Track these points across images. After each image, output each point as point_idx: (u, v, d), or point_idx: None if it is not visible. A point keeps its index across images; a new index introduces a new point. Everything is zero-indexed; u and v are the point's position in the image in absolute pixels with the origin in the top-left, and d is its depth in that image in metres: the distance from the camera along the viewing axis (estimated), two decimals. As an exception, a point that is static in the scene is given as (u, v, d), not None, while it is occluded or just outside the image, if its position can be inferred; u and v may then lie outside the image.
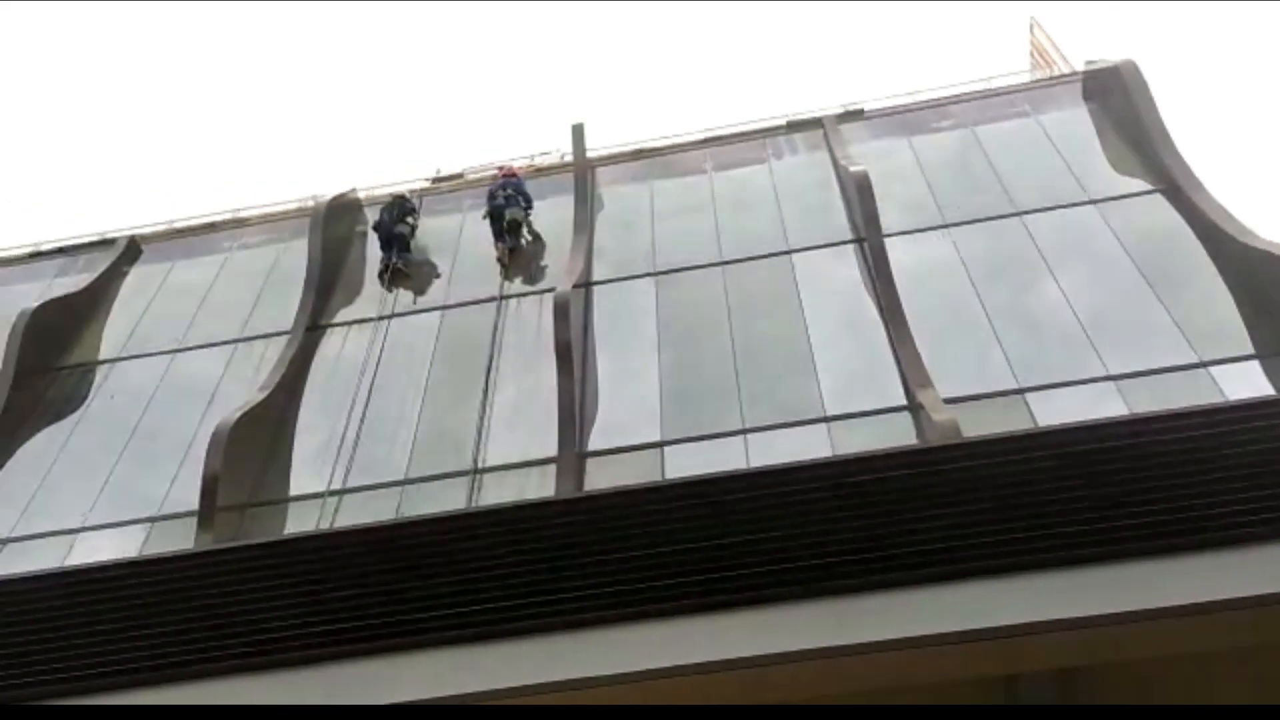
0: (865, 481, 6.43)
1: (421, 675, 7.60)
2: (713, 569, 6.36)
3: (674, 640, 5.85)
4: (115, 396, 13.16)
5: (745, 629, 5.70)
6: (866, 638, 5.48)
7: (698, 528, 7.06)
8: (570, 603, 7.31)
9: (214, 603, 8.60)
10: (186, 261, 15.47)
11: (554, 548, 7.96)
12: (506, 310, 13.13)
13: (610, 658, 6.89)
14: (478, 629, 7.46)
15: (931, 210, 12.93)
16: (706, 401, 11.11)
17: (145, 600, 8.65)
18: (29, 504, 11.61)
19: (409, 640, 7.74)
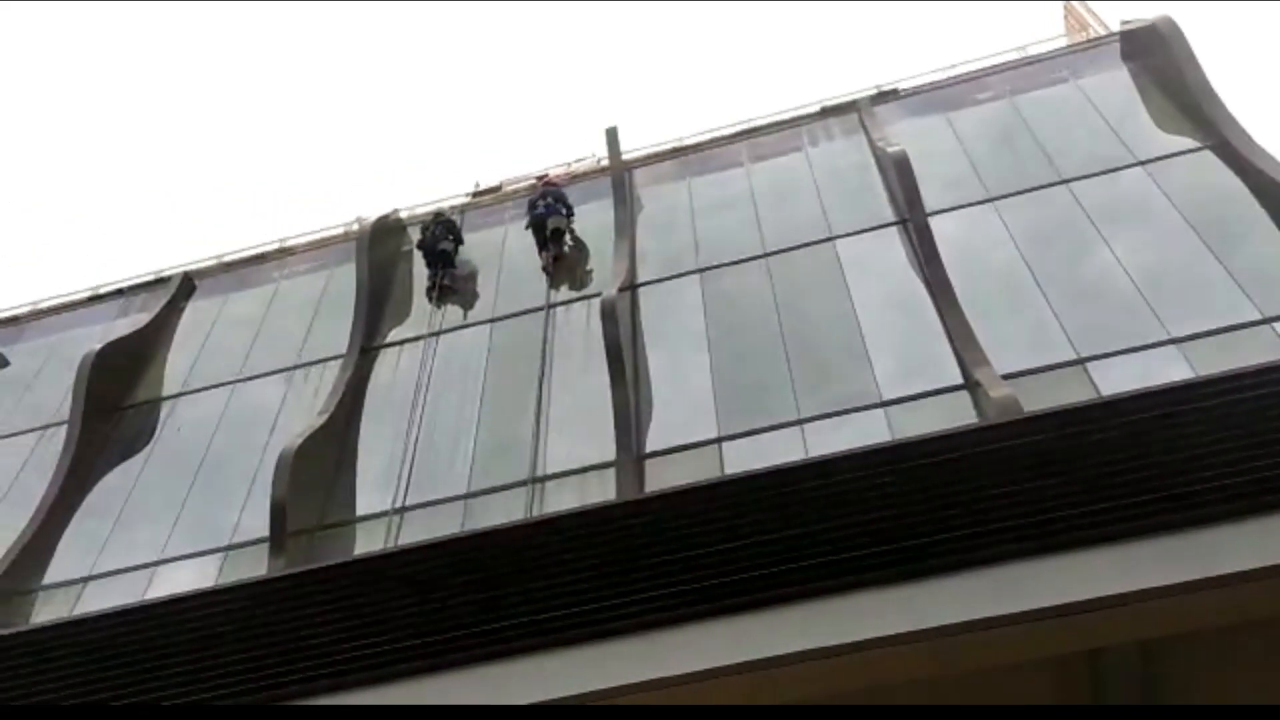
0: (927, 464, 6.37)
1: (497, 686, 7.67)
2: (779, 562, 6.34)
3: (745, 635, 5.84)
4: (181, 430, 13.46)
5: (817, 620, 5.67)
6: (945, 620, 5.42)
7: (762, 522, 7.04)
8: (639, 605, 7.33)
9: (290, 626, 8.76)
10: (239, 294, 15.77)
11: (619, 551, 8.00)
12: (555, 318, 13.21)
13: (683, 657, 6.91)
14: (548, 637, 7.51)
15: (974, 185, 12.78)
16: (760, 394, 11.09)
17: (225, 628, 8.84)
18: (106, 541, 11.92)
19: (481, 653, 7.82)
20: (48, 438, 13.87)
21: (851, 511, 6.20)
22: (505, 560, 8.56)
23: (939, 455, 6.37)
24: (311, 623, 8.67)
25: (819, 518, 6.32)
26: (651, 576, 7.51)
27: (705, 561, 7.11)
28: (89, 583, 11.44)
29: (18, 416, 14.56)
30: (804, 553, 6.08)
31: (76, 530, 12.31)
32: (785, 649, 5.60)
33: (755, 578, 6.15)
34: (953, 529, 5.88)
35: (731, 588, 6.28)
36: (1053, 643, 5.79)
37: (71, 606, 11.09)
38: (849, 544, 5.95)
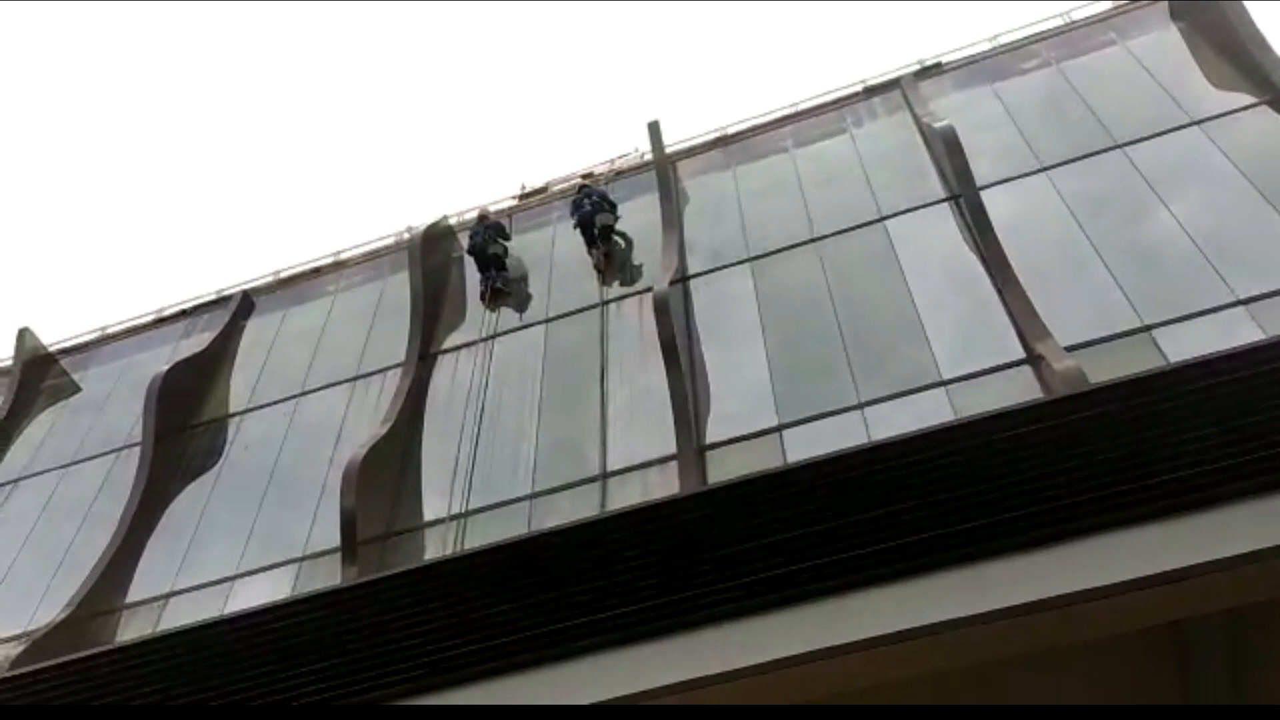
0: (993, 442, 6.29)
1: (567, 685, 7.73)
2: (847, 548, 6.31)
3: (816, 624, 5.82)
4: (249, 446, 13.73)
5: (888, 604, 5.63)
6: (1024, 598, 5.35)
7: (827, 508, 7.00)
8: (708, 597, 7.34)
9: (365, 633, 8.91)
10: (297, 308, 16.04)
11: (685, 544, 8.00)
12: (608, 315, 13.25)
13: (754, 648, 6.89)
14: (615, 634, 7.54)
15: (1026, 155, 12.56)
16: (818, 380, 11.03)
17: (302, 638, 9.01)
18: (184, 558, 12.22)
19: (551, 652, 7.88)
20: (122, 459, 14.25)
21: (917, 494, 6.14)
22: (571, 559, 8.62)
23: (1004, 433, 6.28)
24: (385, 629, 8.81)
25: (884, 502, 6.27)
26: (718, 569, 7.50)
27: (772, 551, 7.09)
28: (170, 599, 11.74)
29: (92, 440, 14.97)
30: (871, 538, 6.04)
31: (155, 548, 12.64)
32: (856, 636, 5.56)
33: (823, 565, 6.12)
34: (1021, 507, 5.80)
35: (799, 576, 6.26)
36: (1135, 616, 5.69)
37: (155, 623, 11.39)
38: (917, 527, 5.90)
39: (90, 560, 12.49)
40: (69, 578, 12.51)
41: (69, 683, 9.33)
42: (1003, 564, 5.54)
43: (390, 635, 8.76)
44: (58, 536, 13.45)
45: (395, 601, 8.95)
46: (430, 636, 8.58)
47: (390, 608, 8.91)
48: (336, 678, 8.70)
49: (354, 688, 8.44)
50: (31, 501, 14.36)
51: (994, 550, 5.59)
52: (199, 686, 8.95)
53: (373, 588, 9.25)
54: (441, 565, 9.50)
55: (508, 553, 8.92)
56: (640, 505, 9.16)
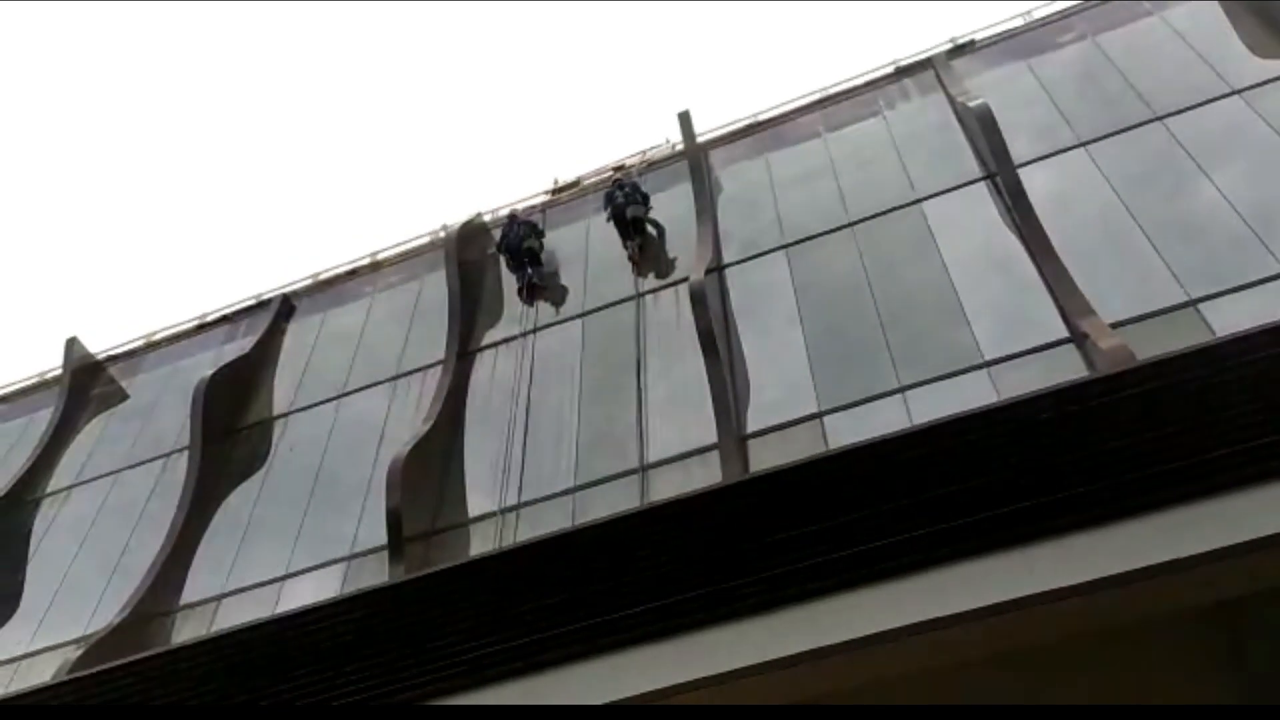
0: (1039, 422, 6.22)
1: (617, 677, 7.75)
2: (894, 533, 6.26)
3: (864, 609, 5.79)
4: (294, 448, 13.89)
5: (942, 588, 5.59)
6: (1075, 579, 5.29)
7: (871, 494, 6.96)
8: (753, 587, 7.32)
9: (413, 629, 8.99)
10: (337, 309, 16.19)
11: (727, 533, 7.99)
12: (645, 306, 13.24)
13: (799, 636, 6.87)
14: (661, 625, 7.55)
15: (1063, 131, 12.38)
16: (858, 365, 10.95)
17: (352, 635, 9.11)
18: (235, 559, 12.40)
19: (606, 641, 7.89)
20: (171, 464, 14.48)
21: (964, 477, 6.09)
22: (615, 551, 8.64)
23: (1050, 413, 6.21)
24: (433, 625, 8.88)
25: (931, 486, 6.22)
26: (762, 557, 7.48)
27: (818, 538, 7.06)
28: (223, 600, 11.92)
29: (141, 446, 15.22)
30: (917, 522, 5.99)
31: (206, 551, 12.84)
32: (910, 620, 5.53)
33: (870, 550, 6.08)
34: (1070, 488, 5.73)
35: (846, 562, 6.23)
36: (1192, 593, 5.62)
37: (209, 624, 11.58)
38: (965, 510, 5.85)
39: (144, 564, 12.72)
40: (124, 581, 12.75)
41: (127, 684, 9.51)
42: (1052, 545, 5.49)
43: (437, 632, 8.83)
44: (112, 541, 13.70)
45: (442, 598, 9.02)
46: (476, 632, 8.64)
47: (437, 604, 8.99)
48: (386, 675, 8.80)
49: (402, 684, 8.52)
50: (86, 507, 14.64)
51: (1043, 532, 5.53)
52: (252, 686, 9.09)
53: (419, 585, 9.34)
54: (487, 561, 9.58)
55: (553, 546, 8.97)
56: (683, 496, 9.16)
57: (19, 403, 17.73)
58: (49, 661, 12.07)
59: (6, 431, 17.11)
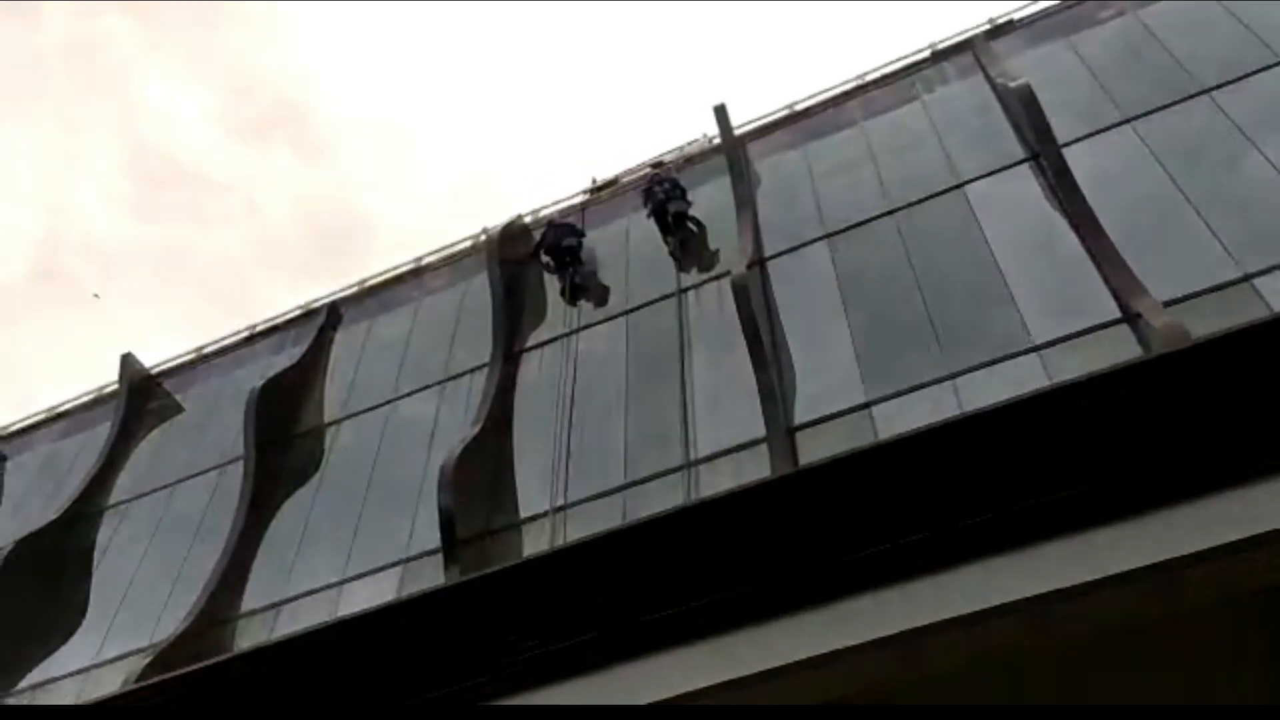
0: (1094, 405, 6.11)
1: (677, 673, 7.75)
2: (948, 522, 6.20)
3: (921, 600, 5.74)
4: (346, 454, 14.06)
5: (999, 578, 5.53)
6: (1135, 564, 5.21)
7: (925, 483, 6.89)
8: (806, 580, 7.29)
9: (468, 632, 9.06)
10: (383, 316, 16.35)
11: (778, 527, 7.96)
12: (687, 302, 13.23)
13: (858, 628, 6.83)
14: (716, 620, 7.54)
15: (1108, 109, 12.16)
16: (905, 354, 10.86)
17: (410, 638, 9.21)
18: (293, 566, 12.59)
19: (660, 639, 7.90)
20: (227, 474, 14.72)
21: (1018, 464, 6.01)
22: (667, 548, 8.64)
23: (1105, 396, 6.11)
24: (488, 626, 8.94)
25: (984, 474, 6.15)
26: (815, 550, 7.45)
27: (870, 529, 7.01)
28: (283, 606, 12.10)
29: (198, 457, 15.50)
30: (975, 511, 5.92)
31: (265, 558, 13.04)
32: (967, 609, 5.47)
33: (925, 540, 6.03)
34: (1128, 471, 5.64)
35: (902, 553, 6.18)
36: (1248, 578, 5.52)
37: (270, 630, 11.77)
38: (1020, 498, 5.78)
39: (205, 572, 12.95)
40: (186, 590, 12.99)
41: (192, 692, 9.69)
42: (1112, 530, 5.40)
43: (493, 633, 8.89)
44: (173, 551, 13.97)
45: (497, 599, 9.09)
46: (531, 633, 8.69)
47: (492, 606, 9.05)
48: (443, 678, 8.87)
49: (459, 686, 8.59)
50: (146, 519, 14.93)
51: (1102, 517, 5.45)
52: (313, 691, 9.21)
53: (473, 587, 9.42)
54: (539, 561, 9.63)
55: (605, 545, 8.99)
56: (733, 490, 9.14)
57: (78, 419, 18.12)
58: (117, 671, 12.34)
59: (67, 448, 17.50)
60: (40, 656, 13.65)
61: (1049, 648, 6.00)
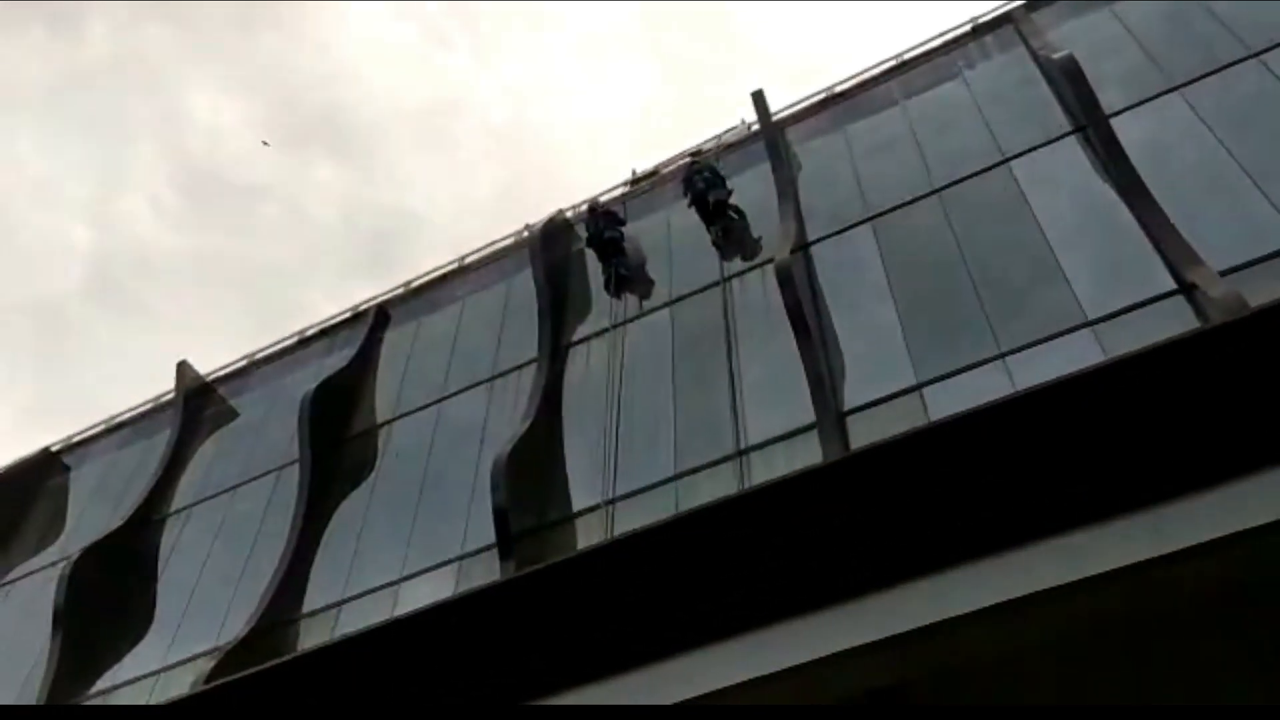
0: (1152, 379, 6.01)
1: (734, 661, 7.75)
2: (1004, 503, 6.13)
3: (992, 579, 5.68)
4: (399, 454, 14.21)
5: (1059, 557, 5.46)
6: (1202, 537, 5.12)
7: (977, 464, 6.82)
8: (864, 565, 7.24)
9: (524, 625, 9.12)
10: (430, 316, 16.49)
11: (832, 512, 7.92)
12: (732, 290, 13.19)
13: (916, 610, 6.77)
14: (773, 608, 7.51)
15: (1154, 76, 11.90)
16: (955, 334, 10.73)
17: (467, 634, 9.29)
18: (352, 566, 12.76)
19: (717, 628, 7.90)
20: (283, 477, 14.94)
21: (1078, 441, 5.93)
22: (720, 537, 8.64)
23: (1163, 368, 6.00)
24: (545, 619, 8.99)
25: (1041, 452, 6.08)
26: (872, 534, 7.40)
27: (926, 511, 6.95)
28: (343, 606, 12.27)
29: (255, 461, 15.75)
30: (1031, 490, 5.86)
31: (323, 559, 13.23)
32: (1035, 587, 5.41)
33: (986, 520, 5.97)
34: (1192, 445, 5.54)
35: (961, 535, 6.13)
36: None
37: (331, 630, 11.94)
38: (1082, 476, 5.70)
39: (266, 575, 13.16)
40: (248, 593, 13.22)
41: (259, 691, 9.86)
42: (1177, 505, 5.32)
43: (549, 626, 8.94)
44: (234, 555, 14.22)
45: (552, 593, 9.13)
46: (591, 624, 8.73)
47: (547, 599, 9.10)
48: (504, 672, 8.94)
49: (519, 680, 8.65)
50: (207, 524, 15.22)
51: (1168, 492, 5.36)
52: (375, 688, 9.34)
53: (528, 581, 9.47)
54: (593, 554, 9.66)
55: (657, 536, 9.00)
56: (784, 478, 9.10)
57: (137, 427, 18.50)
58: (185, 674, 12.59)
59: (128, 456, 17.87)
60: (112, 661, 13.98)
61: (1139, 618, 5.90)
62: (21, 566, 16.88)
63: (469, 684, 8.97)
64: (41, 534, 17.40)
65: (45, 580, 15.59)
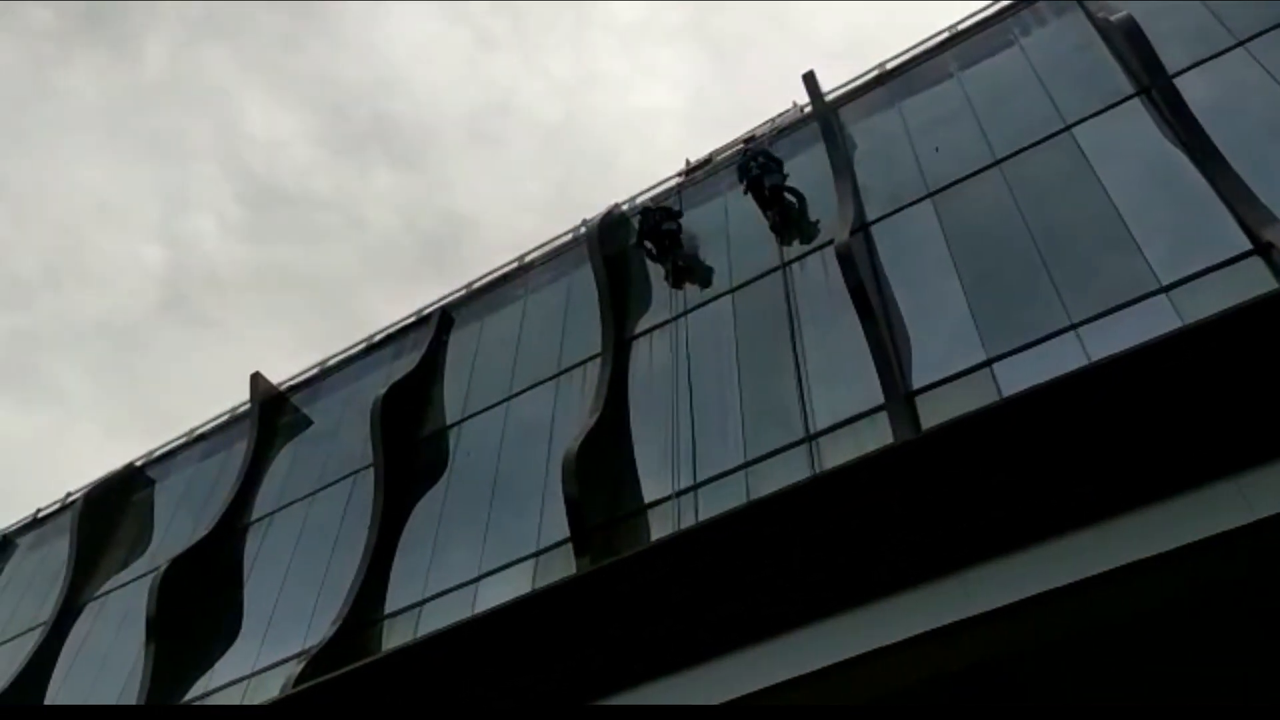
0: (1235, 342, 5.88)
1: (810, 648, 7.74)
2: (1088, 476, 6.04)
3: (1076, 554, 5.60)
4: (470, 453, 14.39)
5: (1145, 529, 5.37)
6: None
7: (1055, 438, 6.72)
8: (943, 545, 7.19)
9: (604, 618, 9.20)
10: (493, 316, 16.65)
11: (907, 493, 7.86)
12: (792, 274, 13.11)
13: (993, 591, 6.69)
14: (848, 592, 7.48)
15: (1218, 33, 11.54)
16: (1023, 307, 10.55)
17: (546, 628, 9.41)
18: (430, 566, 12.96)
19: (797, 614, 7.91)
20: (359, 481, 15.22)
21: (1160, 409, 5.82)
22: (793, 522, 8.63)
23: (1246, 331, 5.86)
24: (620, 611, 9.06)
25: (1123, 423, 5.98)
26: (948, 514, 7.33)
27: (1003, 489, 6.87)
28: (424, 606, 12.47)
29: (330, 467, 16.06)
30: (1118, 462, 5.76)
31: (402, 560, 13.45)
32: (1120, 561, 5.33)
33: (1078, 493, 5.89)
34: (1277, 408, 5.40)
35: (1040, 510, 6.05)
36: None
37: (414, 630, 12.14)
38: (1170, 444, 5.59)
39: (348, 577, 13.43)
40: (331, 596, 13.49)
41: (347, 692, 10.09)
42: (1267, 470, 5.19)
43: (626, 618, 9.01)
44: (315, 560, 14.52)
45: (628, 585, 9.20)
46: (665, 616, 8.77)
47: (623, 592, 9.18)
48: (586, 666, 9.04)
49: (597, 674, 8.73)
50: (288, 530, 15.57)
51: (1257, 456, 5.24)
52: (458, 685, 9.50)
53: (604, 574, 9.56)
54: (668, 544, 9.71)
55: (732, 521, 9.03)
56: (857, 460, 9.07)
57: (216, 439, 18.98)
58: (276, 677, 12.90)
59: (209, 467, 18.35)
60: (204, 667, 14.38)
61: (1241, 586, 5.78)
62: (115, 578, 17.44)
63: (550, 678, 9.09)
64: (131, 546, 17.96)
65: (137, 590, 16.08)
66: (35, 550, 19.84)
